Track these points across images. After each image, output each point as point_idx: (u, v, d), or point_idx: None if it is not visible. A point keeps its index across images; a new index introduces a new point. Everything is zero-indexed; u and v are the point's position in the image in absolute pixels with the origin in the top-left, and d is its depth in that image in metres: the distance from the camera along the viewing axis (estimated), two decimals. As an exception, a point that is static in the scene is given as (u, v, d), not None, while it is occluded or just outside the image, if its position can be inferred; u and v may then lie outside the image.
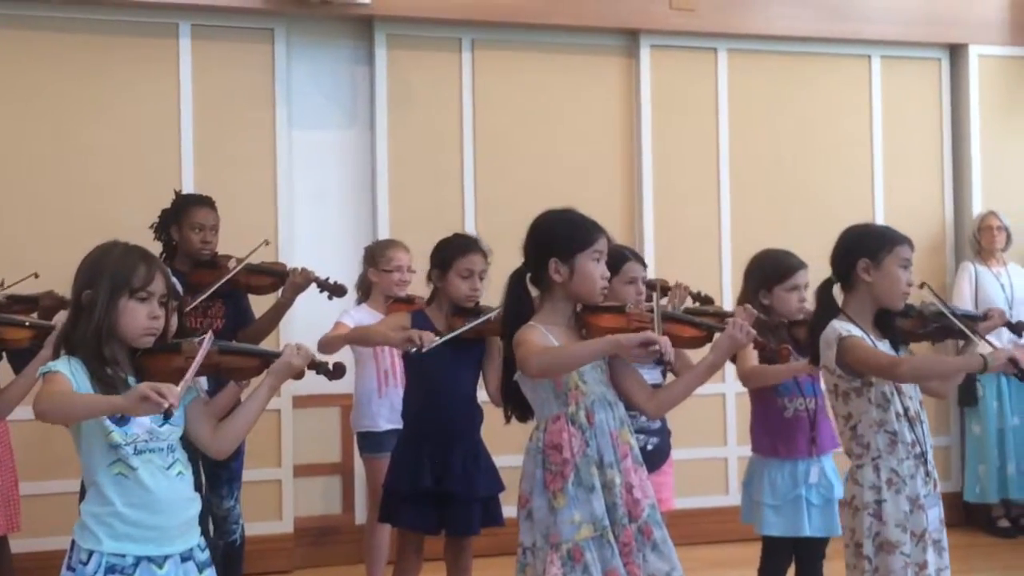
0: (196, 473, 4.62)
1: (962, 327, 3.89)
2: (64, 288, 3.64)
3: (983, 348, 3.80)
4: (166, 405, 2.68)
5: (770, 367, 4.30)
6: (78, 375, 2.92)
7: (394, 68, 6.64)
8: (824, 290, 3.90)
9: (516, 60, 6.85)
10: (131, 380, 3.00)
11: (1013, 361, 3.57)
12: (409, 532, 4.64)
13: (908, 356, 3.77)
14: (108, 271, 3.02)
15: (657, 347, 3.27)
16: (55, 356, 3.03)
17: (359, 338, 4.95)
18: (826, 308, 3.86)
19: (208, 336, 3.07)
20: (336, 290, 5.23)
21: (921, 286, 3.96)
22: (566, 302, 3.50)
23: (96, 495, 2.98)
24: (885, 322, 3.85)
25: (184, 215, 5.18)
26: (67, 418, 2.92)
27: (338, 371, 3.33)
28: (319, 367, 3.29)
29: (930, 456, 3.80)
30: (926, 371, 3.79)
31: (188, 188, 5.92)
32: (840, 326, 3.76)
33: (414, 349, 4.35)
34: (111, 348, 3.01)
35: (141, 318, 3.02)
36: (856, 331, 3.74)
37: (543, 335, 3.40)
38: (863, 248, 3.81)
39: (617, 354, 3.40)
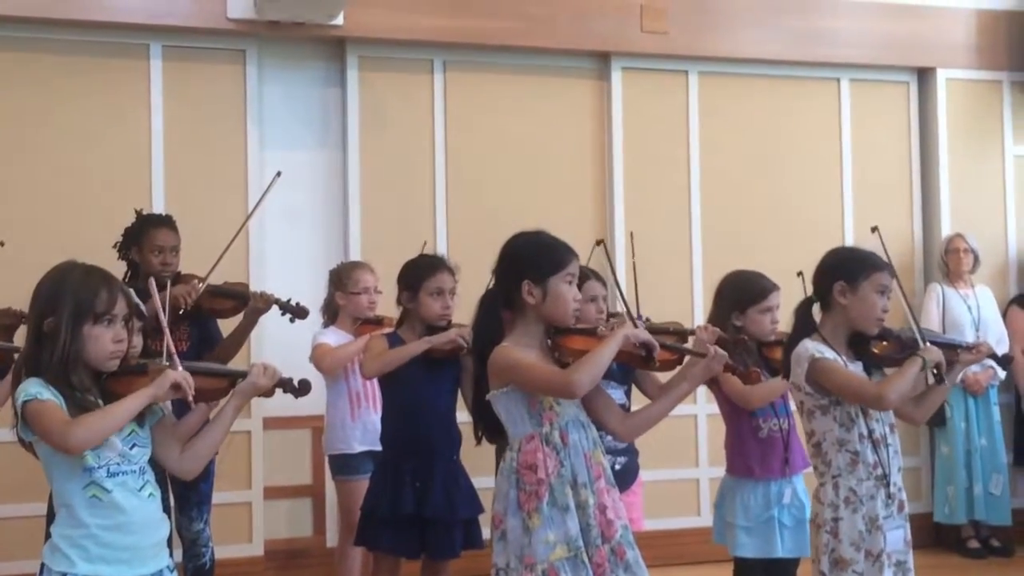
0: (164, 496, 4.63)
1: (919, 335, 3.89)
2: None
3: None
4: (192, 393, 2.90)
5: (767, 384, 4.30)
6: (57, 396, 2.91)
7: (366, 90, 6.65)
8: (803, 308, 3.94)
9: (488, 82, 6.86)
10: (101, 404, 2.99)
11: (938, 364, 3.74)
12: (388, 556, 4.62)
13: (884, 383, 3.78)
14: (69, 296, 2.98)
15: (653, 349, 3.39)
16: (17, 381, 2.98)
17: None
18: (802, 326, 3.90)
19: (175, 355, 3.06)
20: (298, 312, 5.22)
21: (873, 230, 3.99)
22: (538, 324, 3.49)
23: (68, 517, 2.96)
24: (859, 345, 3.88)
25: (144, 237, 5.14)
26: (109, 434, 2.93)
27: (304, 388, 3.34)
28: (285, 385, 3.28)
29: (894, 479, 3.81)
30: (905, 390, 3.80)
31: (159, 208, 5.90)
32: (812, 346, 3.79)
33: (464, 348, 4.41)
34: (78, 375, 2.99)
35: (106, 343, 3.00)
36: (828, 353, 3.77)
37: (526, 353, 3.41)
38: (841, 271, 3.84)
39: (623, 348, 3.41)
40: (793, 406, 4.45)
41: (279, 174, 5.37)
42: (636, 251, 6.52)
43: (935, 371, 3.75)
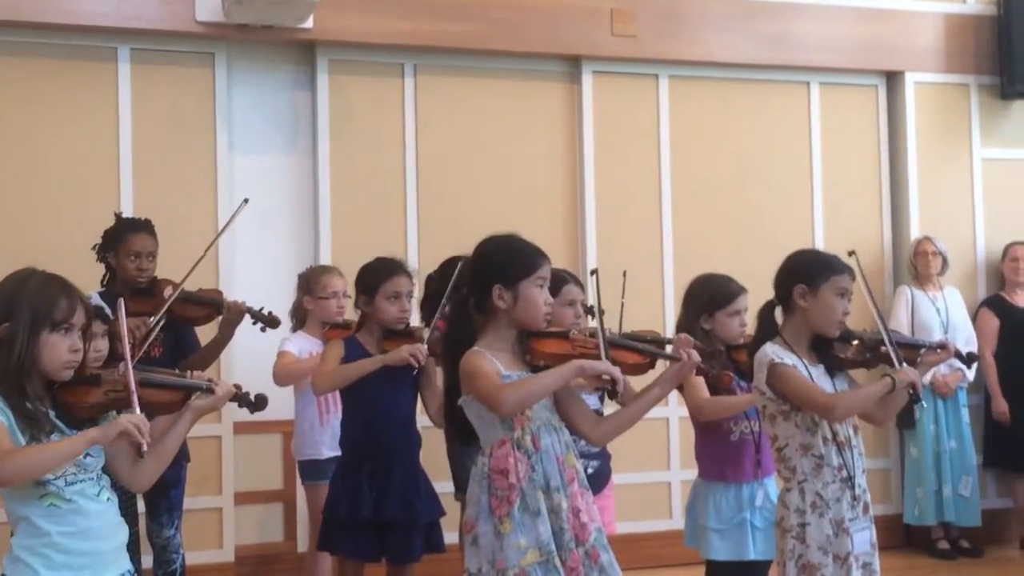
0: (134, 502, 4.60)
1: (895, 355, 3.90)
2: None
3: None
4: (146, 442, 2.81)
5: (726, 399, 4.32)
6: (5, 412, 2.87)
7: (336, 93, 6.63)
8: (766, 312, 3.96)
9: (459, 86, 6.86)
10: (51, 414, 2.97)
11: (912, 385, 3.74)
12: (349, 560, 4.61)
13: (838, 394, 3.80)
14: (27, 303, 2.94)
15: (613, 380, 3.32)
16: None
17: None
18: (765, 330, 3.91)
19: (129, 365, 3.03)
20: (270, 322, 5.18)
21: (850, 254, 4.00)
22: (509, 328, 3.49)
23: (27, 528, 2.93)
24: (822, 347, 3.89)
25: (121, 242, 5.09)
26: (42, 474, 2.87)
27: (260, 403, 3.32)
28: (241, 399, 3.26)
29: (859, 480, 3.82)
30: (857, 408, 3.83)
31: (128, 212, 5.85)
32: (772, 350, 3.80)
33: (416, 367, 4.44)
34: (32, 383, 2.96)
35: (63, 351, 2.97)
36: (788, 358, 3.78)
37: (491, 361, 3.40)
38: (801, 274, 3.86)
39: (578, 377, 3.40)
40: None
41: (246, 201, 5.31)
42: (607, 257, 6.52)
43: (911, 391, 3.75)
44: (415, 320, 5.05)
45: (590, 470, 4.47)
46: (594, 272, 3.81)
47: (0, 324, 2.94)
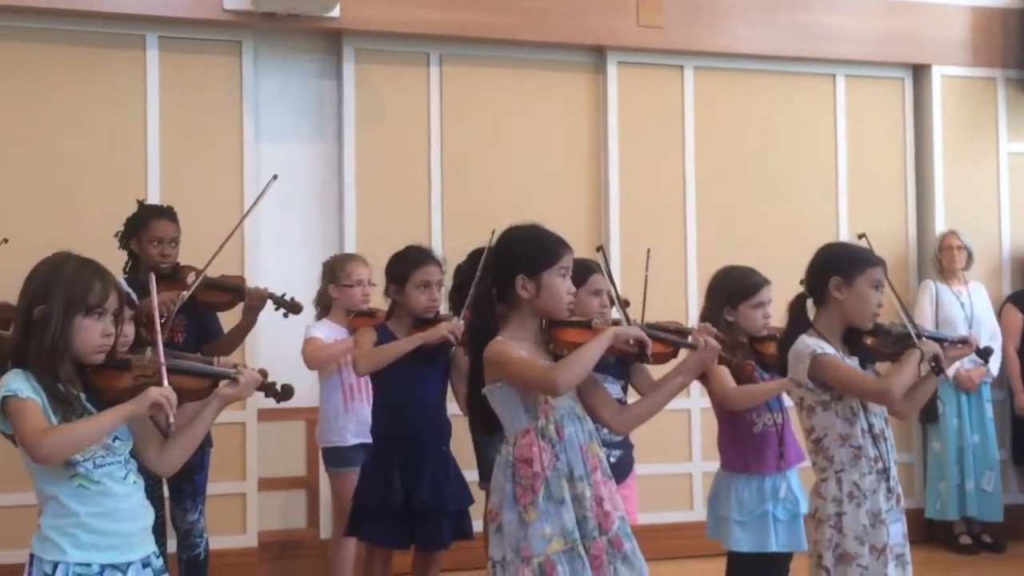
0: (160, 486, 4.64)
1: (918, 344, 3.90)
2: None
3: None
4: (172, 414, 2.88)
5: (754, 386, 4.32)
6: (38, 392, 2.91)
7: (362, 82, 6.65)
8: (797, 305, 3.96)
9: (484, 76, 6.87)
10: (82, 396, 3.00)
11: (936, 357, 3.76)
12: (378, 547, 4.64)
13: (885, 378, 3.81)
14: (62, 287, 2.98)
15: (641, 344, 3.40)
16: (3, 370, 2.98)
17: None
18: (797, 322, 3.91)
19: (159, 342, 3.06)
20: (292, 308, 5.21)
21: (860, 236, 4.00)
22: (533, 318, 3.51)
23: (56, 508, 2.97)
24: (853, 340, 3.89)
25: (143, 228, 5.13)
26: (79, 450, 2.92)
27: (286, 393, 3.34)
28: (268, 389, 3.29)
29: (893, 472, 3.85)
30: (908, 385, 3.82)
31: (154, 199, 5.89)
32: (812, 342, 3.80)
33: (453, 343, 4.48)
34: (64, 366, 2.99)
35: (95, 335, 3.00)
36: (828, 348, 3.79)
37: (518, 349, 3.41)
38: (836, 266, 3.86)
39: (612, 345, 3.42)
40: (788, 402, 4.47)
41: (275, 177, 5.33)
42: (631, 248, 6.52)
43: (933, 363, 3.77)
44: (444, 309, 5.06)
45: (612, 459, 4.47)
46: (599, 248, 3.84)
47: (35, 307, 2.97)
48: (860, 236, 3.99)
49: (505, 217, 3.77)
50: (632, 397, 4.17)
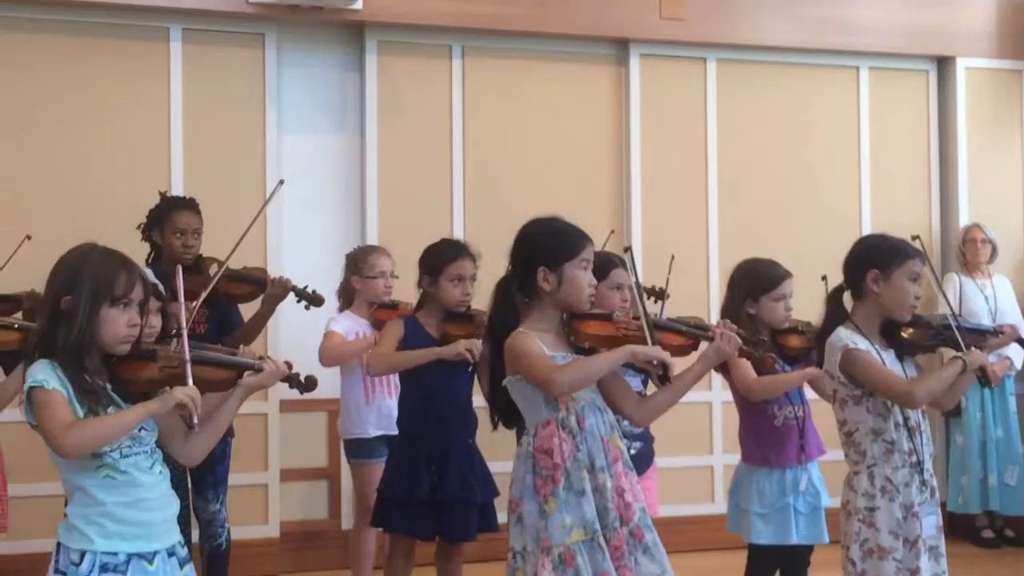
0: (185, 477, 4.67)
1: (962, 339, 3.88)
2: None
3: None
4: (197, 416, 2.90)
5: (777, 377, 4.32)
6: (64, 383, 2.92)
7: (384, 74, 6.66)
8: (834, 297, 3.95)
9: (506, 68, 6.87)
10: (108, 387, 3.02)
11: (983, 368, 3.75)
12: (402, 537, 4.65)
13: (915, 381, 3.79)
14: (89, 277, 2.99)
15: (663, 365, 3.40)
16: (31, 360, 3.00)
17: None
18: (834, 314, 3.91)
19: (184, 337, 3.08)
20: (314, 300, 5.22)
21: (914, 238, 3.97)
22: (554, 310, 3.52)
23: (83, 497, 2.99)
24: (891, 332, 3.88)
25: (166, 219, 5.14)
26: (102, 445, 2.93)
27: (310, 384, 3.37)
28: (292, 380, 3.31)
29: (927, 465, 3.84)
30: (936, 392, 3.80)
31: (177, 191, 5.92)
32: (846, 335, 3.79)
33: (471, 363, 4.48)
34: (91, 356, 3.00)
35: (121, 326, 3.01)
36: (863, 343, 3.77)
37: (537, 343, 3.42)
38: (874, 259, 3.84)
39: (628, 361, 3.44)
40: (810, 393, 4.47)
41: (281, 182, 5.40)
42: (653, 241, 6.51)
43: (980, 375, 3.76)
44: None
45: (633, 451, 4.47)
46: (627, 249, 3.84)
47: (62, 297, 2.99)
48: (914, 238, 3.94)
49: (526, 209, 3.78)
50: (651, 389, 4.17)
